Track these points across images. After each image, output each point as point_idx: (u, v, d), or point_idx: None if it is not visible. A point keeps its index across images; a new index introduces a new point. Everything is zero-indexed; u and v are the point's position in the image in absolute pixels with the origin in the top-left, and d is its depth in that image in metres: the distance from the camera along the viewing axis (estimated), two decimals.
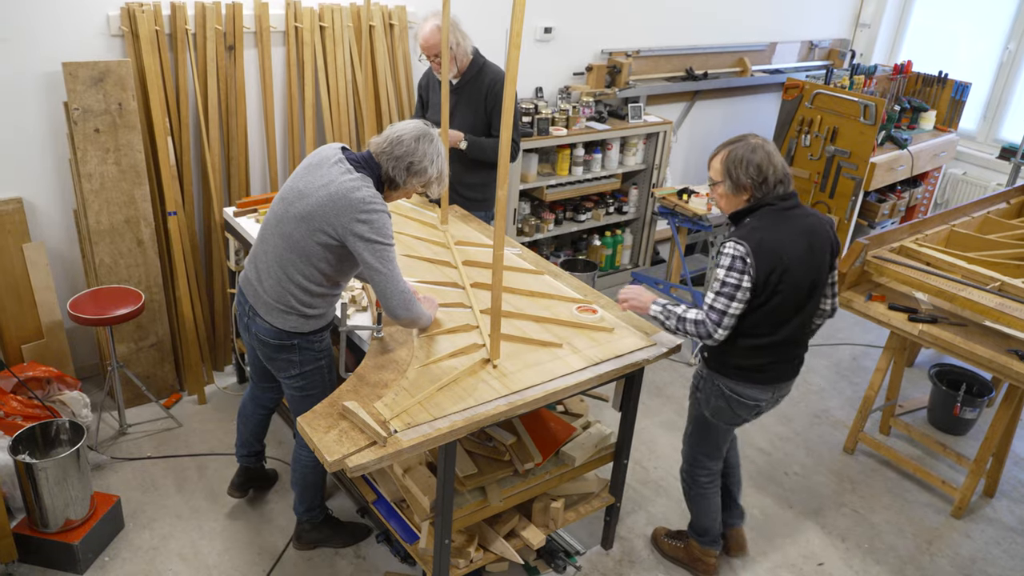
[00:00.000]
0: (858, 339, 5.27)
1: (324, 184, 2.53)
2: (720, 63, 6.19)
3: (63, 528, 3.02)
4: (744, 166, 2.65)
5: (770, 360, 2.82)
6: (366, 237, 2.49)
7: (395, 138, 2.61)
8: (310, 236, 2.55)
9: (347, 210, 2.49)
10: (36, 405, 3.37)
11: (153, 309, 3.89)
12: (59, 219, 3.83)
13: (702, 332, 2.71)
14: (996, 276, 3.56)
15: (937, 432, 4.35)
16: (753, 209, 2.70)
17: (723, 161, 2.71)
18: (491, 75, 3.85)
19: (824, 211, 5.61)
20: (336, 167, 2.56)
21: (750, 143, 2.68)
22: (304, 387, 2.84)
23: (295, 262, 2.60)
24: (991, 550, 3.56)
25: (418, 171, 2.63)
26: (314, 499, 3.12)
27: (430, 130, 2.67)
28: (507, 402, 2.50)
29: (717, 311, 2.67)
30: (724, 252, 2.66)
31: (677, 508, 3.62)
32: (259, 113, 4.14)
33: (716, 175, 2.74)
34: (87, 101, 3.49)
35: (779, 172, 2.67)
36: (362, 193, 2.50)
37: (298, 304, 2.66)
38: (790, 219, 2.68)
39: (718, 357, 2.86)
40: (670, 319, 2.79)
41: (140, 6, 3.59)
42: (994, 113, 6.51)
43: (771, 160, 2.65)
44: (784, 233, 2.65)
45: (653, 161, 5.57)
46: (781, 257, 2.62)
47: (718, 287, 2.66)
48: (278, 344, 2.73)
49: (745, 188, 2.68)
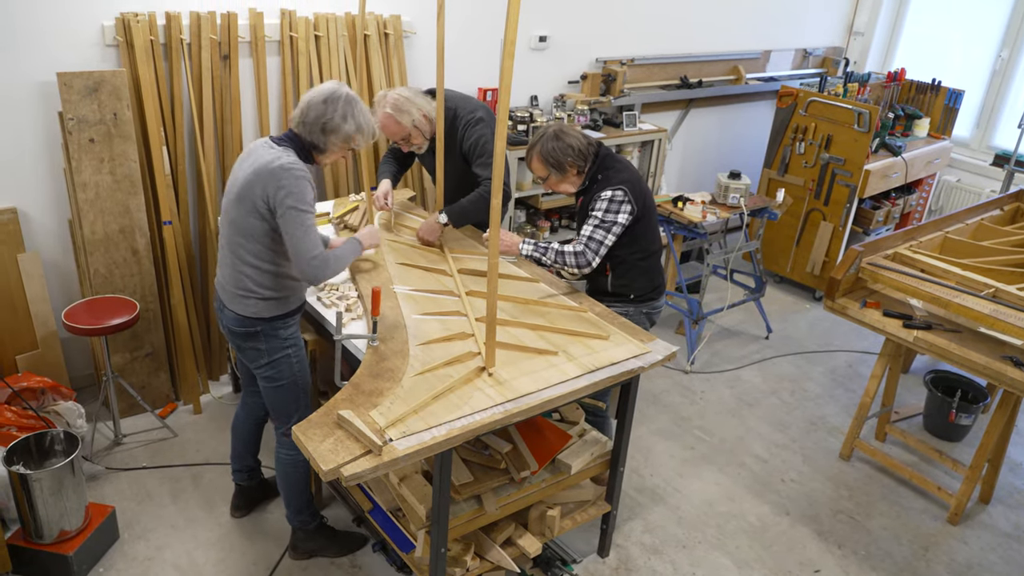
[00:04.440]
0: (853, 346, 5.28)
1: (251, 164, 2.65)
2: (714, 71, 6.21)
3: (58, 539, 3.00)
4: (558, 152, 3.13)
5: (660, 264, 3.42)
6: (288, 204, 2.58)
7: (305, 105, 2.72)
8: (248, 214, 2.64)
9: (270, 179, 2.58)
10: (31, 415, 3.36)
11: (148, 319, 3.88)
12: (54, 229, 3.83)
13: (581, 262, 3.17)
14: (990, 282, 3.57)
15: (933, 438, 4.36)
16: (594, 170, 3.21)
17: (539, 159, 3.19)
18: (463, 118, 3.63)
19: (819, 218, 5.63)
20: (260, 148, 2.70)
21: (550, 133, 3.16)
22: (274, 377, 2.88)
23: (242, 243, 2.69)
24: (987, 556, 3.56)
25: (332, 129, 2.71)
26: (300, 501, 3.11)
27: (339, 88, 2.75)
28: (503, 410, 2.49)
29: (596, 241, 3.15)
30: (602, 196, 3.14)
31: (674, 516, 3.62)
32: (254, 122, 4.14)
33: (540, 172, 3.23)
34: (82, 111, 3.49)
35: (582, 139, 3.19)
36: (281, 161, 2.60)
37: (253, 286, 2.72)
38: (618, 156, 3.30)
39: (639, 282, 3.32)
40: (547, 254, 3.21)
41: (135, 16, 3.59)
42: (987, 120, 6.54)
43: (571, 135, 3.17)
44: (627, 166, 3.26)
45: (648, 169, 5.58)
46: (641, 183, 3.20)
47: (597, 223, 3.14)
48: (243, 332, 2.80)
49: (569, 166, 3.18)
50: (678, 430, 4.25)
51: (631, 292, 3.33)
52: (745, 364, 4.96)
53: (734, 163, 6.37)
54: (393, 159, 3.93)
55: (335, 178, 4.42)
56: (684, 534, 3.53)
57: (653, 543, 3.47)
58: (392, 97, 3.50)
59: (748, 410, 4.48)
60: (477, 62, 4.84)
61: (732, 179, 4.90)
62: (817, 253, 5.70)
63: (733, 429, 4.30)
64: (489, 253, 2.52)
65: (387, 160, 3.94)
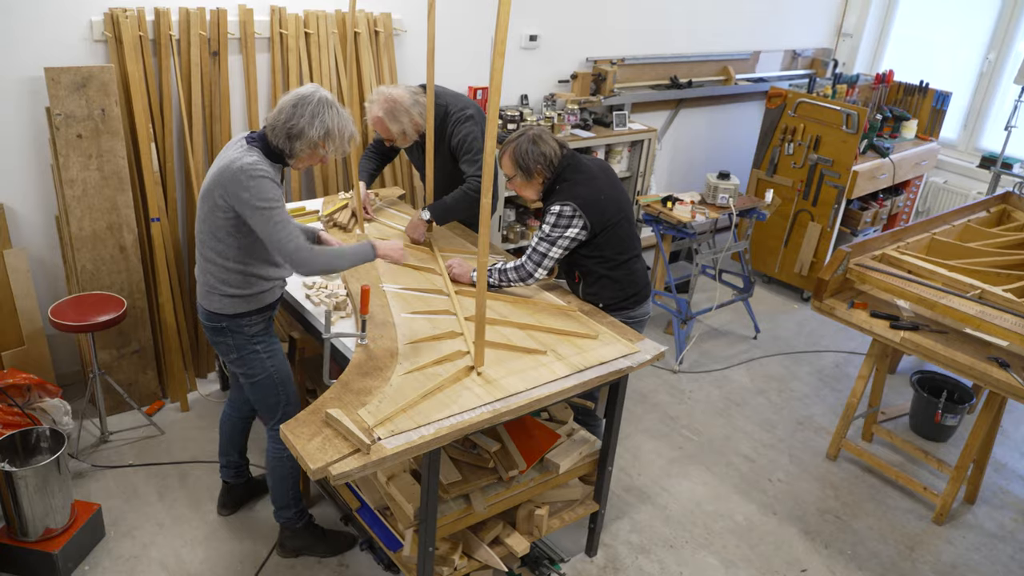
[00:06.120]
0: (841, 346, 5.30)
1: (216, 162, 2.63)
2: (704, 71, 6.23)
3: (43, 537, 2.99)
4: (531, 156, 3.09)
5: (641, 272, 3.31)
6: (252, 204, 2.54)
7: (278, 108, 2.64)
8: (212, 212, 2.63)
9: (231, 180, 2.54)
10: (16, 412, 3.34)
11: (135, 316, 3.86)
12: (41, 225, 3.80)
13: (522, 274, 3.16)
14: (976, 284, 3.59)
15: (919, 439, 4.38)
16: (552, 180, 3.15)
17: (511, 157, 3.14)
18: (453, 115, 3.63)
19: (807, 219, 5.65)
20: (231, 147, 2.66)
21: (529, 136, 3.11)
22: (247, 374, 2.89)
23: (208, 241, 2.68)
24: (972, 556, 3.58)
25: (297, 135, 2.60)
26: (287, 498, 3.11)
27: (315, 92, 2.63)
28: (491, 409, 2.50)
29: (539, 253, 3.12)
30: (551, 211, 3.08)
31: (661, 515, 3.63)
32: (243, 119, 4.13)
33: (508, 171, 3.18)
34: (70, 107, 3.47)
35: (556, 150, 3.14)
36: (243, 161, 2.55)
37: (217, 283, 2.72)
38: (584, 164, 3.18)
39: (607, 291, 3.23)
40: (491, 276, 3.19)
41: (124, 11, 3.57)
42: (974, 122, 6.58)
43: (548, 144, 3.12)
44: (590, 177, 3.16)
45: (638, 169, 5.59)
46: (599, 198, 3.10)
47: (543, 236, 3.10)
48: (211, 327, 2.81)
49: (537, 173, 3.12)
50: (666, 430, 4.26)
51: (599, 301, 3.25)
52: (733, 364, 4.98)
53: (723, 163, 6.40)
54: (375, 153, 3.88)
55: (324, 175, 4.41)
56: (672, 533, 3.54)
57: (641, 542, 3.48)
58: (387, 100, 3.46)
59: (736, 410, 4.50)
60: (467, 61, 4.84)
61: (721, 179, 4.91)
62: (805, 254, 5.72)
63: (721, 429, 4.31)
64: (479, 252, 2.52)
65: (368, 156, 3.87)
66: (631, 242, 3.25)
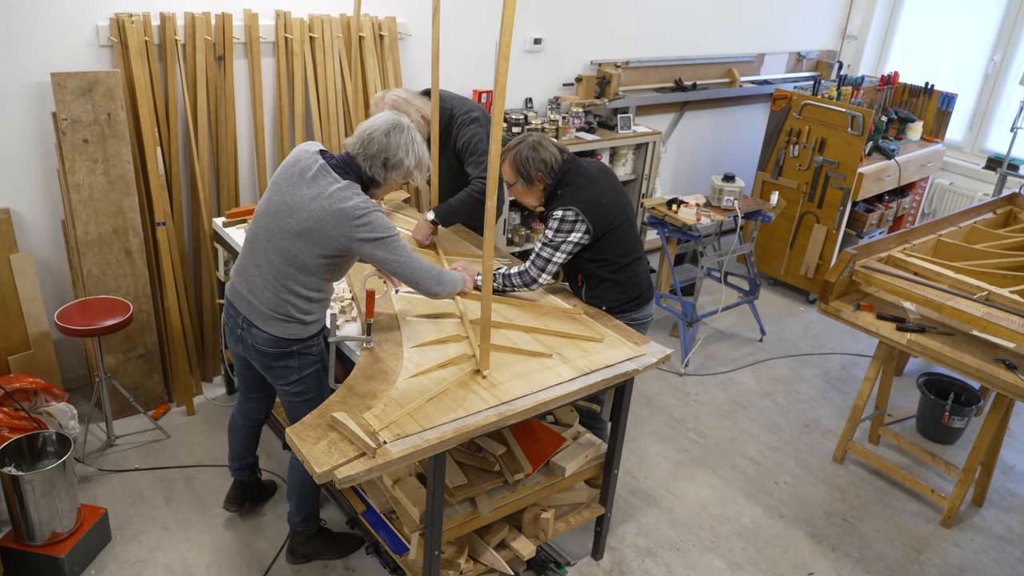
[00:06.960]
0: (847, 348, 5.29)
1: (314, 198, 2.53)
2: (709, 74, 6.22)
3: (49, 541, 2.99)
4: (531, 163, 3.09)
5: (643, 274, 3.32)
6: (371, 239, 2.53)
7: (367, 137, 2.61)
8: (310, 251, 2.56)
9: (343, 222, 2.50)
10: (23, 417, 3.35)
11: (141, 320, 3.87)
12: (47, 229, 3.81)
13: (526, 279, 3.15)
14: (983, 286, 3.58)
15: (926, 441, 4.37)
16: (553, 186, 3.14)
17: (511, 165, 3.14)
18: (458, 117, 3.69)
19: (813, 221, 5.64)
20: (323, 178, 2.55)
21: (529, 142, 3.12)
22: (302, 392, 2.84)
23: (294, 275, 2.61)
24: (980, 559, 3.57)
25: (395, 164, 2.63)
26: (311, 507, 3.11)
27: (400, 119, 2.67)
28: (497, 412, 2.49)
29: (543, 259, 3.10)
30: (555, 216, 3.08)
31: (667, 518, 3.62)
32: (248, 123, 4.14)
33: (509, 178, 3.18)
34: (76, 111, 3.48)
35: (556, 155, 3.14)
36: (353, 202, 2.51)
37: (297, 312, 2.67)
38: (585, 168, 3.18)
39: (610, 294, 3.23)
40: (495, 280, 3.16)
41: (129, 16, 3.58)
42: (980, 124, 6.57)
43: (548, 150, 3.12)
44: (592, 181, 3.14)
45: (642, 171, 5.59)
46: (600, 201, 3.09)
47: (546, 241, 3.09)
48: (277, 352, 2.73)
49: (538, 179, 3.13)
50: (672, 432, 4.25)
51: (603, 304, 3.25)
52: (739, 367, 4.97)
53: (728, 166, 6.39)
54: None
55: None
56: (678, 537, 3.53)
57: (647, 545, 3.47)
58: (391, 98, 3.54)
59: (742, 412, 4.49)
60: (472, 64, 4.85)
61: (726, 182, 4.91)
62: (811, 256, 5.71)
63: (727, 431, 4.30)
64: (484, 256, 2.52)
65: None
66: (633, 245, 3.24)
